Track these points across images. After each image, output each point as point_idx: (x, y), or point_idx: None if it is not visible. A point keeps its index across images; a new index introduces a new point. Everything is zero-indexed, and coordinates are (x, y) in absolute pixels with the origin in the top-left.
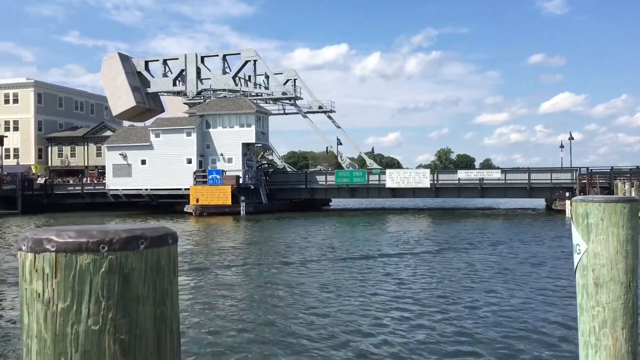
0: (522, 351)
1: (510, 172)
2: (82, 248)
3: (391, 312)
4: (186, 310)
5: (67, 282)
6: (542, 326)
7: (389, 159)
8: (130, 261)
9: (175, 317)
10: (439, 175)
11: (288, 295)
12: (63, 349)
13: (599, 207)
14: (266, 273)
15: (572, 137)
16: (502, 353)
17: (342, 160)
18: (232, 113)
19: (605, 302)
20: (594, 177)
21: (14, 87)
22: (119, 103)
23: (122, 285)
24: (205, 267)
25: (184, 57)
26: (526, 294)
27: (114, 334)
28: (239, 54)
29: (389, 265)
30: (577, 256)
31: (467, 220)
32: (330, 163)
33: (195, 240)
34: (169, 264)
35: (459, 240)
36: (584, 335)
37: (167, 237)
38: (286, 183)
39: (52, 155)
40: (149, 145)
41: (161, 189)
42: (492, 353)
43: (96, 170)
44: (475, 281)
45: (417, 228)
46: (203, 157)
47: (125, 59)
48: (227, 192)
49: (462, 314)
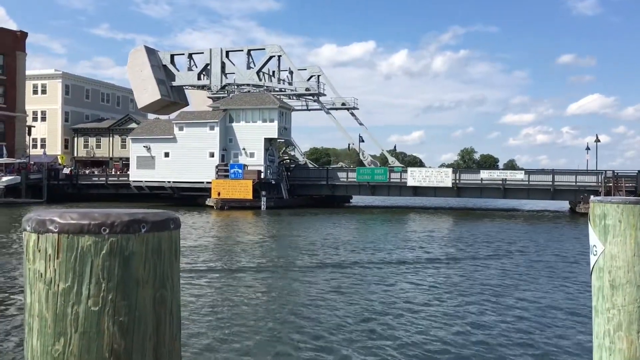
0: (535, 348)
1: (533, 173)
2: (84, 230)
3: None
4: (199, 303)
5: (68, 263)
6: (559, 326)
7: (411, 157)
8: (131, 244)
9: (175, 300)
10: (461, 175)
11: (304, 295)
12: (63, 328)
13: (617, 209)
14: (282, 270)
15: (598, 140)
16: (512, 353)
17: (363, 158)
18: (255, 108)
19: (621, 304)
20: (619, 181)
21: (42, 78)
22: (145, 96)
23: (122, 268)
24: (223, 260)
25: (209, 52)
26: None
27: (113, 315)
28: (263, 49)
29: (410, 269)
30: (593, 257)
31: (490, 221)
32: (352, 160)
33: (214, 233)
34: (171, 248)
35: (481, 242)
36: (599, 338)
37: (169, 222)
38: (307, 179)
39: (78, 146)
40: (172, 138)
41: (183, 181)
42: (503, 353)
43: (120, 161)
44: (502, 285)
45: (440, 228)
46: (225, 151)
47: (152, 52)
48: (248, 187)
49: (484, 317)
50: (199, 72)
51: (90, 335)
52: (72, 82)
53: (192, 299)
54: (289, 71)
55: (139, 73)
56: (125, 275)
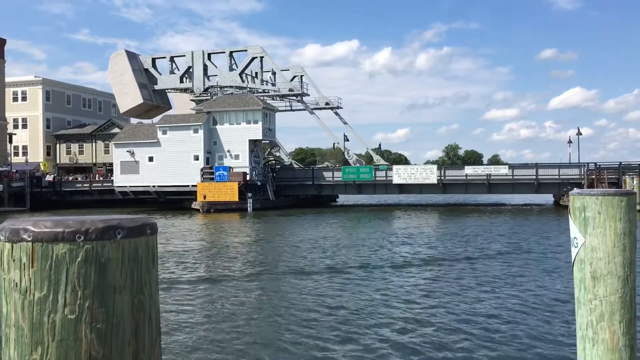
0: (520, 344)
1: (517, 167)
2: (59, 238)
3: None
4: (186, 309)
5: (43, 271)
6: (544, 320)
7: (396, 155)
8: (107, 251)
9: (154, 306)
10: (446, 171)
11: (294, 298)
12: (40, 337)
13: (596, 201)
14: (268, 276)
15: (580, 133)
16: (500, 349)
17: (349, 157)
18: (239, 110)
19: (603, 295)
20: (602, 173)
21: (22, 84)
22: (127, 100)
23: (98, 275)
24: (207, 265)
25: (190, 54)
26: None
27: (91, 322)
28: (245, 50)
29: (397, 269)
30: (574, 249)
31: (477, 217)
32: (338, 159)
33: (200, 237)
34: (148, 253)
35: (468, 239)
36: (582, 329)
37: (146, 227)
38: (293, 179)
39: (61, 153)
40: (156, 142)
41: (168, 185)
42: (489, 347)
43: (104, 167)
44: (481, 281)
45: (426, 225)
46: (210, 153)
47: (133, 56)
48: (234, 189)
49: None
50: (181, 75)
51: (67, 344)
52: (53, 88)
53: (174, 305)
54: (272, 72)
55: (120, 77)
56: (101, 282)
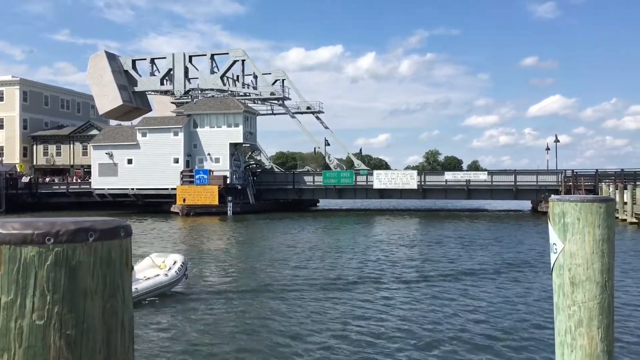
0: (497, 350)
1: (496, 174)
2: (27, 240)
3: None
4: (162, 312)
5: (11, 275)
6: (521, 326)
7: (377, 160)
8: (78, 254)
9: (127, 311)
10: (426, 177)
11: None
12: (6, 344)
13: (575, 207)
14: (246, 279)
15: (557, 140)
16: (476, 354)
17: (329, 161)
18: (220, 113)
19: (581, 301)
20: (579, 180)
21: None
22: (106, 102)
23: (68, 279)
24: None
25: (171, 56)
26: (508, 293)
27: (60, 328)
28: (227, 53)
29: (373, 270)
30: (553, 255)
31: (456, 222)
32: (319, 164)
33: (178, 240)
34: (121, 257)
35: (446, 244)
36: (560, 335)
37: (119, 230)
38: (274, 183)
39: (38, 154)
40: (135, 145)
41: (147, 188)
42: (468, 352)
43: (82, 169)
44: (461, 280)
45: (405, 230)
46: (190, 156)
47: (112, 57)
48: (214, 192)
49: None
50: (161, 77)
51: (35, 350)
52: (31, 89)
53: (149, 310)
54: (254, 76)
55: (100, 79)
56: (72, 287)
